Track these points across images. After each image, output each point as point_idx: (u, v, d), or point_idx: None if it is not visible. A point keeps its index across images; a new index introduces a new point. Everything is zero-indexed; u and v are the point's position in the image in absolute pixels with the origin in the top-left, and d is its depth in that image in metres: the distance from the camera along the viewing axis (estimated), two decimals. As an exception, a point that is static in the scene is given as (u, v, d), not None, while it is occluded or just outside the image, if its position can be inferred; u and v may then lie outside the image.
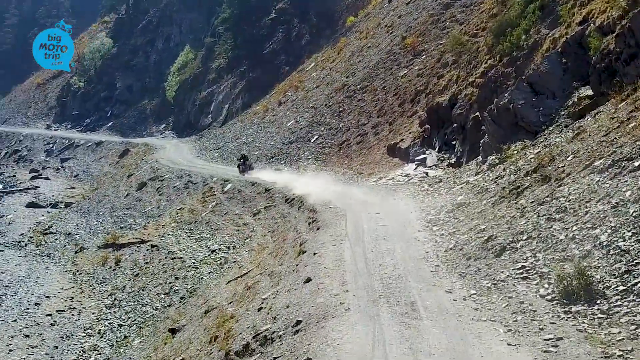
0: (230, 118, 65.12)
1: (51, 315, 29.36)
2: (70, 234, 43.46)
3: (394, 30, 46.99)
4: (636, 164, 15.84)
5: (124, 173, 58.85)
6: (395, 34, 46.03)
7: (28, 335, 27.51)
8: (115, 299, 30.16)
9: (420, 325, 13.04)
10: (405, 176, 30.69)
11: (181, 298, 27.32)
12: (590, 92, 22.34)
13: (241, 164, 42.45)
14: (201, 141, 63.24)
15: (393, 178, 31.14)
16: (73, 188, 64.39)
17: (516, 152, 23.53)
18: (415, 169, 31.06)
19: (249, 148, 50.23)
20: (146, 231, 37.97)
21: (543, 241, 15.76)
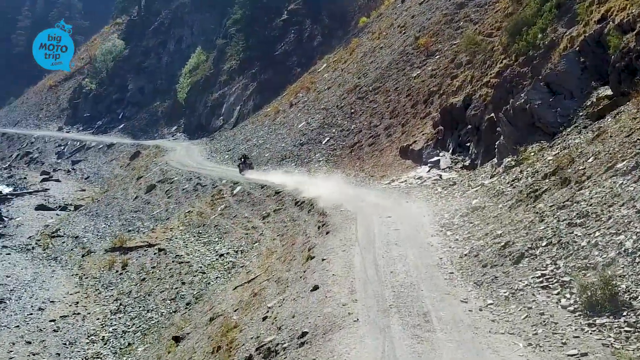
0: (241, 120, 64.64)
1: (55, 320, 28.72)
2: (77, 237, 42.93)
3: (407, 30, 46.30)
4: (662, 166, 15.05)
5: (134, 175, 58.39)
6: (408, 34, 45.34)
7: (30, 342, 26.85)
8: (120, 304, 29.52)
9: (433, 338, 12.27)
10: (418, 179, 30.02)
11: (187, 304, 26.65)
12: (609, 92, 21.56)
13: (241, 163, 43.13)
14: (212, 143, 62.86)
15: (405, 181, 30.47)
16: (83, 190, 64.04)
17: (533, 154, 22.77)
18: (428, 172, 30.38)
19: (260, 150, 49.71)
20: (154, 234, 37.38)
21: (564, 248, 14.91)
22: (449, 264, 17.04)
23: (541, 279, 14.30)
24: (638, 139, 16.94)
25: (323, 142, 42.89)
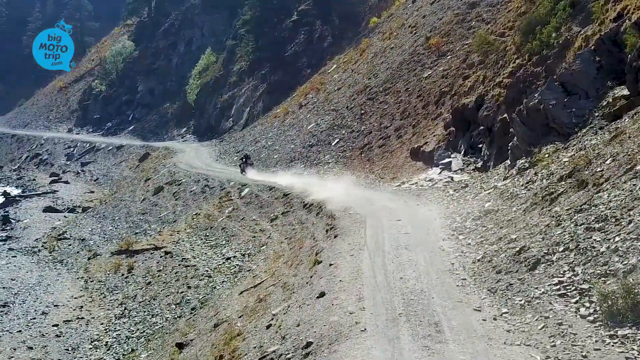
0: (251, 121, 64.16)
1: (57, 325, 28.11)
2: (84, 240, 42.44)
3: (418, 30, 45.70)
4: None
5: (142, 177, 57.97)
6: (419, 34, 44.75)
7: (31, 347, 26.24)
8: (125, 309, 28.95)
9: (445, 350, 11.60)
10: (429, 181, 29.38)
11: (192, 309, 26.05)
12: (626, 92, 20.90)
13: (242, 163, 43.68)
14: (221, 145, 62.45)
15: (416, 183, 29.84)
16: (92, 192, 63.65)
17: (548, 156, 22.09)
18: (439, 174, 29.74)
19: (268, 152, 49.19)
20: (161, 237, 36.84)
21: (582, 253, 14.20)
22: (461, 270, 16.37)
23: (558, 287, 13.60)
24: (658, 140, 16.30)
25: (332, 144, 42.31)
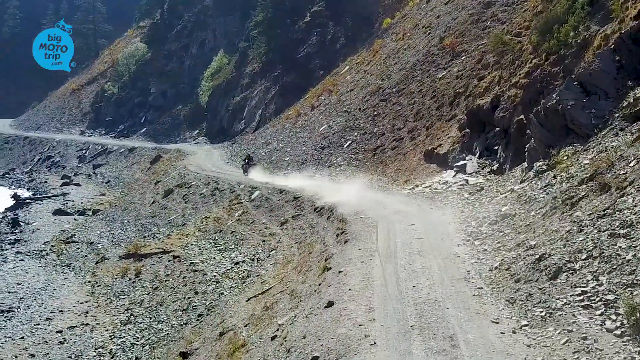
0: (263, 123, 63.62)
1: (61, 332, 27.37)
2: (92, 243, 41.82)
3: (432, 30, 44.91)
4: None
5: (153, 180, 57.44)
6: (433, 35, 43.95)
7: (34, 354, 25.45)
8: (131, 314, 28.26)
9: (461, 367, 10.83)
10: (443, 184, 28.57)
11: (199, 315, 25.31)
12: (647, 92, 20.13)
13: (245, 164, 44.37)
14: (233, 147, 62.02)
15: (430, 186, 29.05)
16: (103, 195, 63.13)
17: (566, 158, 21.21)
18: (454, 176, 28.93)
19: (280, 154, 48.56)
20: (169, 241, 36.18)
21: (606, 261, 13.36)
22: (478, 278, 15.55)
23: (582, 297, 12.78)
24: (686, 141, 15.42)
25: (345, 146, 41.57)
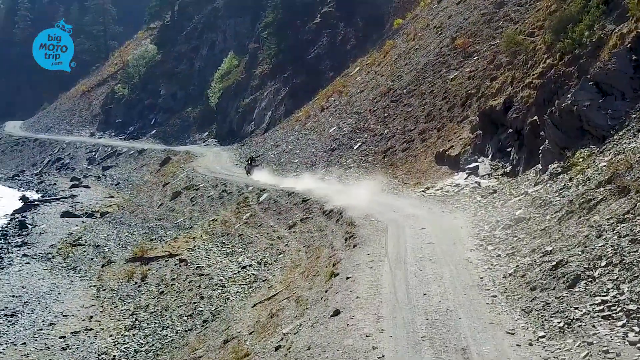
0: (272, 125, 63.15)
1: (64, 337, 26.78)
2: (99, 246, 41.31)
3: (443, 31, 44.27)
4: None
5: (161, 182, 57.02)
6: (444, 35, 43.32)
7: (35, 361, 25.16)
8: (136, 319, 27.68)
9: (474, 382, 10.19)
10: (455, 186, 27.93)
11: (204, 321, 24.73)
12: (665, 92, 19.50)
13: (248, 165, 45.43)
14: (242, 149, 61.61)
15: (441, 188, 28.40)
16: (112, 197, 62.72)
17: (582, 160, 20.55)
18: (466, 179, 28.29)
19: (289, 156, 48.04)
20: (176, 244, 35.64)
21: (627, 269, 12.70)
22: (491, 285, 14.90)
23: (602, 307, 12.12)
24: None
25: (354, 148, 40.99)
